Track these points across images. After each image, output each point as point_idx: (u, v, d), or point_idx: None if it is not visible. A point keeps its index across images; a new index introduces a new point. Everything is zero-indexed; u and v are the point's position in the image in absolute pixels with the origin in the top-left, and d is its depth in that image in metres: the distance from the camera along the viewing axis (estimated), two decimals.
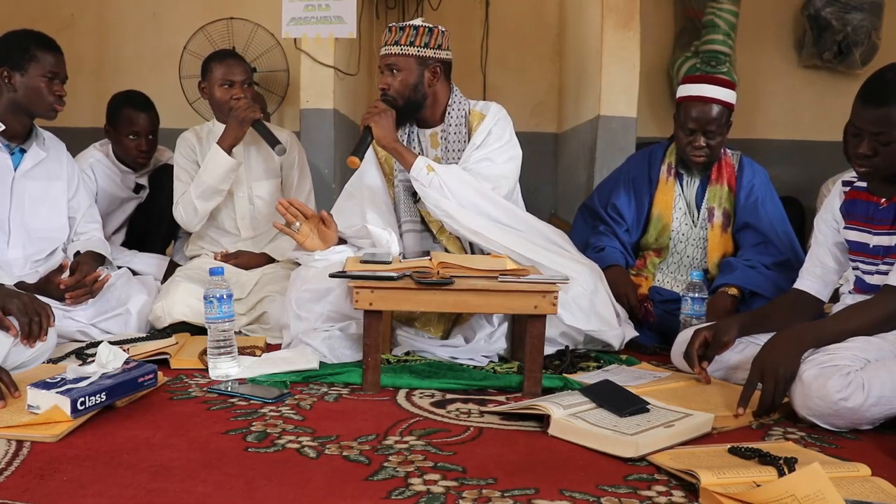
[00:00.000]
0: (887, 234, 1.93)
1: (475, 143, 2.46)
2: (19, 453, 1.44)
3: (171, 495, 1.29)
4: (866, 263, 1.98)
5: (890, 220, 1.93)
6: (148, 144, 2.93)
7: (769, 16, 4.76)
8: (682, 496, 1.34)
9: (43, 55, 2.30)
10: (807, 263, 2.17)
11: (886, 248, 1.93)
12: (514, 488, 1.35)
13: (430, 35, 2.41)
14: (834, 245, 2.10)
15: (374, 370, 1.95)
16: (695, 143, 2.58)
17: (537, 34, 4.86)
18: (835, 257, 2.10)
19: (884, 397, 1.68)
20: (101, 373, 1.68)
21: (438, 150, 2.51)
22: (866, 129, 1.85)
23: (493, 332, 2.34)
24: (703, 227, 2.69)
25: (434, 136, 2.52)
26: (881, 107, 1.81)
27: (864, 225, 1.99)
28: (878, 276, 1.95)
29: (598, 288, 2.35)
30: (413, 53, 2.40)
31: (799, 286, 2.15)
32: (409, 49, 2.39)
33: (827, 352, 1.77)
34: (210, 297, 1.99)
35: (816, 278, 2.12)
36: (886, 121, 1.81)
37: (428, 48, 2.41)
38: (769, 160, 3.58)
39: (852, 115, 1.89)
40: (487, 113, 2.51)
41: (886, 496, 1.32)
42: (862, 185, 2.02)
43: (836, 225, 2.08)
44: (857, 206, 2.02)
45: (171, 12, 4.51)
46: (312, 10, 3.52)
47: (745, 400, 1.77)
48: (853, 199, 2.04)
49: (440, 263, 2.03)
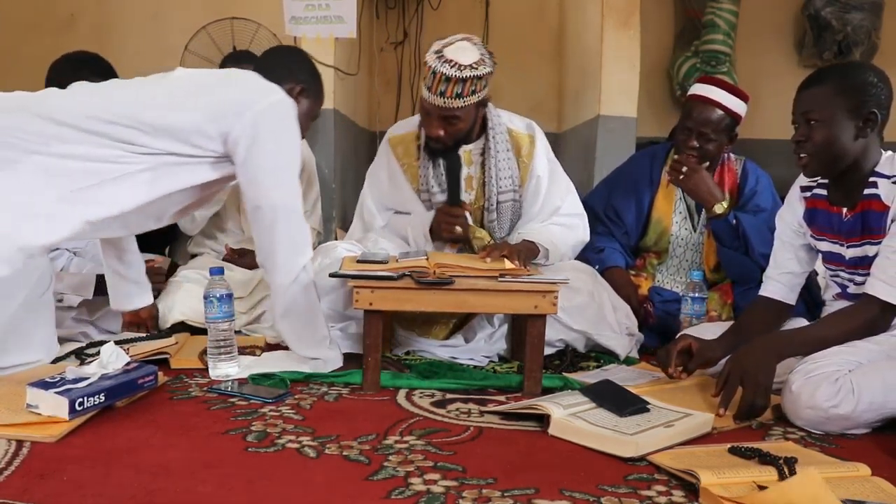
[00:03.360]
0: (858, 245, 1.91)
1: (540, 178, 2.41)
2: (19, 453, 1.44)
3: (171, 495, 1.29)
4: (846, 273, 1.97)
5: (858, 231, 1.90)
6: None
7: (769, 16, 4.76)
8: (682, 496, 1.34)
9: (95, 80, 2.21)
10: (771, 269, 2.10)
11: (860, 258, 1.91)
12: (514, 488, 1.35)
13: (487, 74, 2.21)
14: (799, 248, 2.06)
15: (374, 370, 1.95)
16: (688, 142, 2.56)
17: (537, 34, 4.86)
18: (799, 260, 2.07)
19: (875, 402, 1.67)
20: (100, 373, 1.68)
21: (472, 168, 2.40)
22: (797, 112, 1.87)
23: (493, 333, 2.34)
24: (702, 232, 2.68)
25: (468, 153, 2.40)
26: (809, 87, 1.85)
27: (833, 237, 1.96)
28: (856, 286, 1.94)
29: (602, 297, 2.35)
30: (474, 101, 2.24)
31: (765, 293, 2.09)
32: (459, 101, 2.21)
33: (813, 360, 1.76)
34: (210, 297, 1.99)
35: (782, 284, 2.07)
36: (812, 99, 1.83)
37: (486, 86, 2.24)
38: (769, 160, 3.57)
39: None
40: (536, 138, 2.44)
41: (886, 496, 1.32)
42: (821, 193, 1.99)
43: (801, 230, 2.05)
44: (819, 216, 1.99)
45: (172, 12, 4.51)
46: (312, 10, 3.52)
47: (726, 401, 1.76)
48: (813, 207, 2.00)
49: (437, 264, 2.03)
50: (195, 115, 1.87)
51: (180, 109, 1.87)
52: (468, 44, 2.22)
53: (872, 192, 1.86)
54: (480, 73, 2.18)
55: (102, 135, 1.81)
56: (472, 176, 2.41)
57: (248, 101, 1.89)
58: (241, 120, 1.87)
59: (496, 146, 2.37)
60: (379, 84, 4.76)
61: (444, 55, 2.18)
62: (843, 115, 1.81)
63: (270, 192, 1.93)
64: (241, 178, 1.94)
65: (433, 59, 2.19)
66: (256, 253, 2.03)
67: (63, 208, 1.78)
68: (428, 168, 2.38)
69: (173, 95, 1.91)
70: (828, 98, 1.81)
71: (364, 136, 4.46)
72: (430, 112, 2.26)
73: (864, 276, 1.90)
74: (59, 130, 1.80)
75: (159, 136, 1.84)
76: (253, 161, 1.89)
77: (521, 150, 2.43)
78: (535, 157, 2.43)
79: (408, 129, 2.44)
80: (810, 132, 1.84)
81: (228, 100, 1.90)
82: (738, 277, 2.57)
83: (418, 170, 2.40)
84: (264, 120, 1.89)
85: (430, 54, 2.21)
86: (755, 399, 1.72)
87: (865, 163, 1.87)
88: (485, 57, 2.21)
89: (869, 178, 1.87)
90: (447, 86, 2.18)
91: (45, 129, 1.80)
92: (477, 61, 2.19)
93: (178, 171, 1.89)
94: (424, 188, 2.40)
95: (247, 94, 1.92)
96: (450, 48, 2.20)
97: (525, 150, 2.43)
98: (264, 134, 1.89)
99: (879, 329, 1.83)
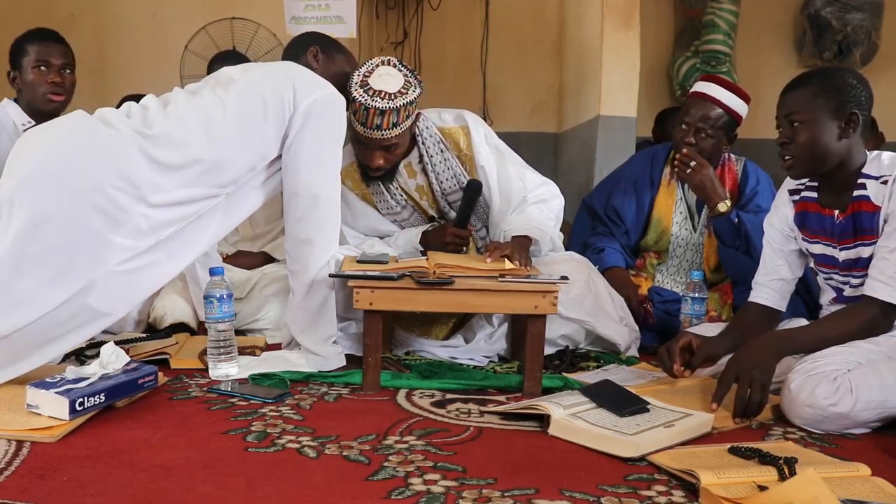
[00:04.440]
0: (852, 247, 1.91)
1: (485, 168, 2.37)
2: (19, 453, 1.44)
3: (171, 495, 1.29)
4: (840, 275, 1.97)
5: (851, 233, 1.91)
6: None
7: (769, 16, 4.77)
8: (682, 496, 1.34)
9: (31, 46, 2.30)
10: (761, 275, 2.09)
11: (854, 260, 1.91)
12: (514, 488, 1.35)
13: (417, 96, 2.22)
14: (789, 253, 2.06)
15: (374, 370, 1.95)
16: (685, 138, 2.56)
17: (537, 34, 4.86)
18: (789, 266, 2.06)
19: (873, 401, 1.67)
20: (100, 374, 1.68)
21: (419, 178, 2.41)
22: (780, 115, 1.90)
23: (493, 333, 2.34)
24: (702, 232, 2.68)
25: (409, 166, 2.40)
26: (792, 90, 1.89)
27: (826, 240, 1.96)
28: (851, 289, 1.94)
29: (597, 284, 2.36)
30: (409, 124, 2.25)
31: (756, 299, 2.08)
32: (395, 130, 2.21)
33: (813, 359, 1.76)
34: (210, 297, 1.99)
35: (773, 290, 2.06)
36: (794, 101, 1.87)
37: (416, 105, 2.25)
38: (769, 160, 3.56)
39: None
40: (470, 129, 2.40)
41: (886, 496, 1.32)
42: (810, 196, 1.99)
43: (791, 234, 2.05)
44: (809, 219, 1.99)
45: (172, 12, 4.51)
46: (312, 10, 3.52)
47: (719, 397, 1.76)
48: (803, 210, 2.01)
49: (437, 264, 2.03)
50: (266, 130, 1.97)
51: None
52: (390, 68, 2.22)
53: (862, 194, 1.88)
54: (411, 99, 2.19)
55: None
56: (421, 185, 2.42)
57: (301, 94, 1.97)
58: (295, 114, 1.96)
59: (428, 152, 2.36)
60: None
61: (370, 87, 2.17)
62: (826, 115, 1.84)
63: (310, 180, 2.01)
64: (283, 164, 2.01)
65: (360, 94, 2.17)
66: (286, 240, 2.09)
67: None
68: (383, 193, 2.41)
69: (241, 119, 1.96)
70: (810, 99, 1.85)
71: None
72: (367, 145, 2.26)
73: (858, 279, 1.90)
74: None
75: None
76: (296, 147, 1.98)
77: (460, 145, 2.41)
78: (475, 148, 2.40)
79: (345, 162, 2.29)
80: (794, 134, 1.87)
81: (285, 98, 1.96)
82: (739, 277, 2.57)
83: (373, 196, 2.43)
84: (315, 109, 1.97)
85: (355, 88, 2.19)
86: (750, 394, 1.72)
87: (851, 164, 1.89)
88: (409, 78, 2.22)
89: (857, 179, 1.88)
90: (382, 118, 2.18)
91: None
92: (403, 85, 2.19)
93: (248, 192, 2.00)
94: (387, 212, 2.45)
95: (300, 88, 1.98)
96: (373, 78, 2.19)
97: (463, 143, 2.41)
98: (312, 123, 1.97)
99: (880, 329, 1.83)
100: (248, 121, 1.93)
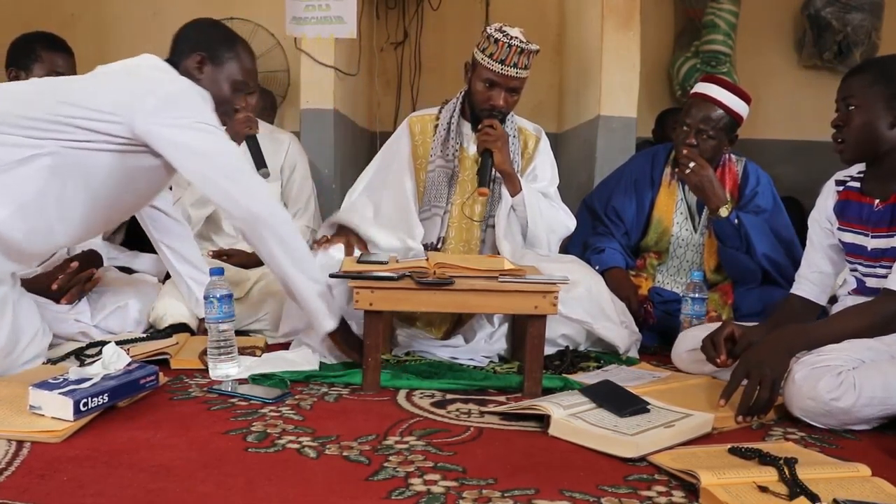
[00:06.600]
0: (885, 236, 1.92)
1: (536, 169, 2.57)
2: (19, 453, 1.44)
3: (171, 495, 1.29)
4: (865, 266, 1.98)
5: (887, 221, 1.92)
6: None
7: (769, 16, 4.76)
8: (682, 496, 1.34)
9: (47, 55, 2.31)
10: (803, 268, 2.15)
11: (884, 250, 1.92)
12: (514, 488, 1.35)
13: (536, 51, 2.42)
14: (829, 247, 2.09)
15: (374, 370, 1.95)
16: (686, 139, 2.57)
17: (537, 34, 4.82)
18: (830, 260, 2.10)
19: (876, 398, 1.67)
20: (103, 374, 1.68)
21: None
22: (839, 98, 1.94)
23: (493, 333, 2.34)
24: (702, 233, 2.68)
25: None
26: (855, 74, 1.93)
27: (859, 227, 1.98)
28: (876, 280, 1.94)
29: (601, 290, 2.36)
30: (527, 76, 2.43)
31: (797, 292, 2.14)
32: (526, 72, 2.41)
33: (819, 352, 1.76)
34: (210, 297, 1.99)
35: (814, 284, 2.11)
36: (852, 85, 1.91)
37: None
38: (769, 160, 3.58)
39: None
40: (541, 139, 2.61)
41: (886, 496, 1.32)
42: (855, 186, 2.02)
43: (830, 226, 2.08)
44: (850, 208, 2.01)
45: (172, 12, 4.50)
46: (312, 10, 3.52)
47: (728, 393, 1.76)
48: (846, 199, 2.03)
49: (437, 264, 2.03)
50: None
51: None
52: (509, 27, 2.41)
53: None
54: (537, 48, 2.39)
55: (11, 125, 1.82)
56: (477, 157, 2.51)
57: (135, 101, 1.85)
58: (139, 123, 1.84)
59: (509, 130, 2.51)
60: (379, 84, 4.76)
61: (507, 32, 2.37)
62: (880, 103, 1.89)
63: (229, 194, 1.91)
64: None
65: (501, 35, 2.36)
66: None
67: None
68: (437, 142, 2.52)
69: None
70: (867, 86, 1.90)
71: (364, 136, 4.46)
72: (497, 83, 2.40)
73: (885, 269, 1.91)
74: None
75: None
76: (180, 166, 1.90)
77: (528, 144, 2.61)
78: (538, 155, 2.60)
79: (428, 113, 2.60)
80: (848, 117, 1.92)
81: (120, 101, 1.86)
82: (739, 277, 2.57)
83: (431, 144, 2.53)
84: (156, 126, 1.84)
85: (494, 31, 2.38)
86: (759, 391, 1.71)
87: None
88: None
89: None
90: (519, 57, 2.36)
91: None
92: (529, 43, 2.39)
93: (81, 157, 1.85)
94: (432, 155, 2.52)
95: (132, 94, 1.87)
96: (506, 28, 2.39)
97: (531, 146, 2.61)
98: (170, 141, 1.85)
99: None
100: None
